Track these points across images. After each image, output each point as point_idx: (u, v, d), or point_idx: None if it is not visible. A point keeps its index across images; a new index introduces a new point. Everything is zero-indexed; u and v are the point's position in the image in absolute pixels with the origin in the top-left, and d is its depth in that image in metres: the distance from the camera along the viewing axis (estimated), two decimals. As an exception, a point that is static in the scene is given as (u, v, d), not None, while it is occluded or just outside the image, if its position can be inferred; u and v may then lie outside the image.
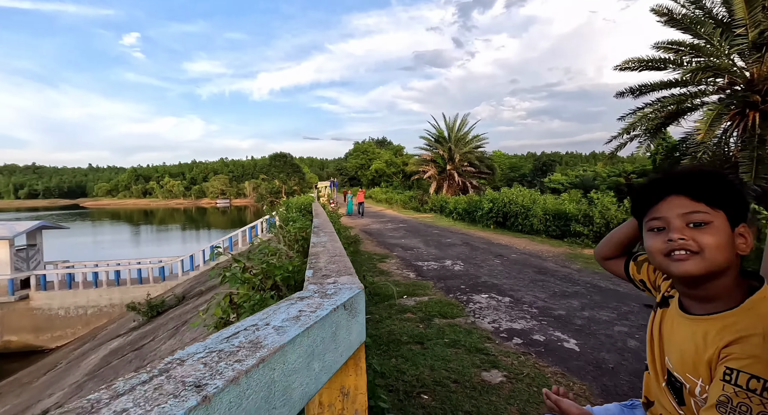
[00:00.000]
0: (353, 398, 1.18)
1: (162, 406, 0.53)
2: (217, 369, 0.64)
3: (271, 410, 0.71)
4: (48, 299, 12.54)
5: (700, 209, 0.72)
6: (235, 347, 0.74)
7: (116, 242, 34.68)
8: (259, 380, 0.68)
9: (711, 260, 0.71)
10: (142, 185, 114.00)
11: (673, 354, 0.80)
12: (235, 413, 0.62)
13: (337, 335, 0.99)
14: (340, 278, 1.34)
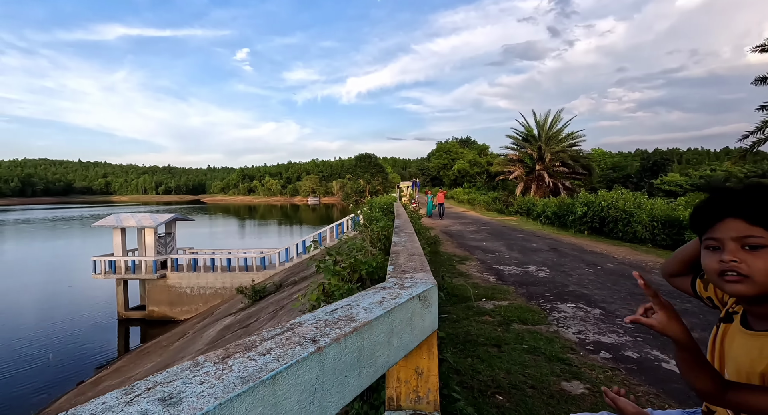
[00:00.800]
0: (426, 378, 1.37)
1: (293, 348, 0.78)
2: (324, 331, 0.89)
3: (360, 368, 0.93)
4: (179, 278, 15.17)
5: (756, 233, 0.74)
6: (336, 319, 0.98)
7: (227, 233, 40.09)
8: (353, 344, 0.91)
9: (761, 284, 0.74)
10: (248, 184, 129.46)
11: (730, 367, 0.82)
12: (338, 363, 0.85)
13: (412, 320, 1.18)
14: (417, 274, 1.53)
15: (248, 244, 30.13)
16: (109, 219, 15.27)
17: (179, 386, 0.62)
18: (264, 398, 0.66)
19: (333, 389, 0.83)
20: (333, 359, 0.83)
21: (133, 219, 15.04)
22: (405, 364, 1.38)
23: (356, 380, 0.92)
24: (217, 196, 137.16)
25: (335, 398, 0.84)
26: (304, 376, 0.75)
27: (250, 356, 0.75)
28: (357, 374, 0.92)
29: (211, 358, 0.74)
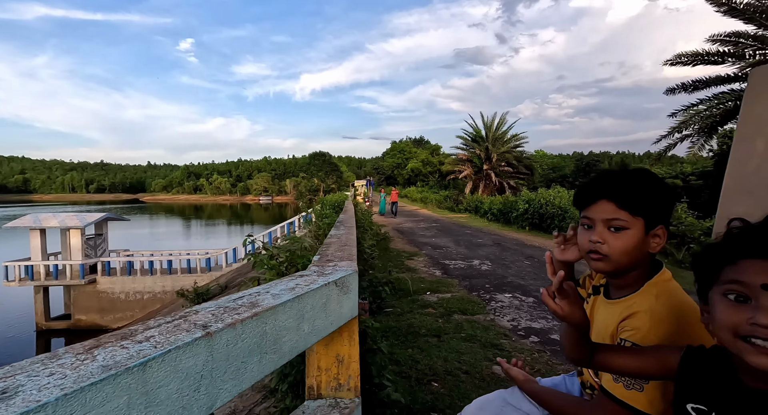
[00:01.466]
0: (347, 365, 1.36)
1: (177, 335, 0.74)
2: (221, 318, 0.85)
3: (262, 354, 0.90)
4: (111, 283, 13.92)
5: (621, 216, 0.82)
6: (238, 305, 0.94)
7: (170, 234, 37.46)
8: (252, 329, 0.88)
9: (616, 263, 0.83)
10: (193, 182, 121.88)
11: (593, 332, 0.91)
12: (232, 349, 0.82)
13: (327, 305, 1.17)
14: (341, 262, 1.52)
15: (193, 245, 28.38)
16: (25, 219, 13.61)
17: (21, 380, 0.55)
18: (130, 387, 0.61)
19: (226, 375, 0.80)
20: (226, 345, 0.80)
21: (55, 219, 13.53)
22: (326, 352, 1.37)
23: (257, 366, 0.89)
24: (159, 194, 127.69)
25: (228, 385, 0.81)
26: (187, 362, 0.71)
27: (124, 345, 0.69)
28: (257, 361, 0.89)
29: (74, 349, 0.67)
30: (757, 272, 0.57)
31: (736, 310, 0.57)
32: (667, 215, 0.85)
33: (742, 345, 0.57)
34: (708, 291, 0.64)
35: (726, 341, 0.59)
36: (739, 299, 0.58)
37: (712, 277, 0.63)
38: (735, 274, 0.59)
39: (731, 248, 0.61)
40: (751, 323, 0.55)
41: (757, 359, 0.56)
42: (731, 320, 0.57)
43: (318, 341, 1.37)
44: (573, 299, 0.75)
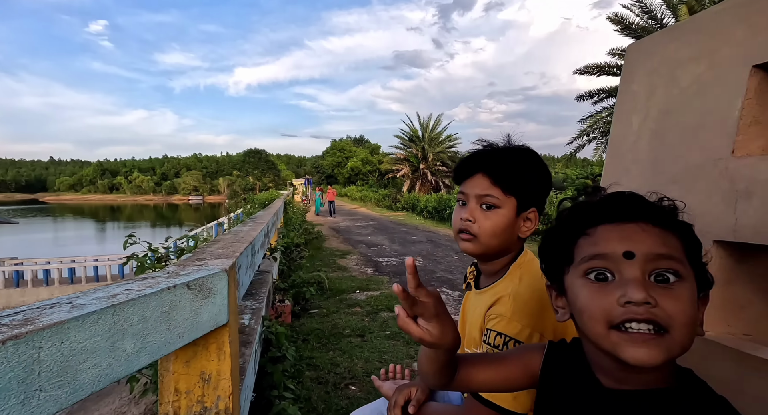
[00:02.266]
0: (215, 384, 1.13)
1: None
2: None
3: (30, 392, 0.64)
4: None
5: (494, 193, 0.75)
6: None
7: (78, 238, 32.98)
8: (5, 360, 0.61)
9: (485, 244, 0.76)
10: (109, 180, 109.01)
11: (468, 327, 0.82)
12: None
13: (171, 314, 0.92)
14: (214, 260, 1.27)
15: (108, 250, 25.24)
16: None
17: None
18: None
19: (-64, 434, 0.53)
20: (-63, 388, 0.53)
21: None
22: (186, 371, 1.12)
23: (17, 411, 0.62)
24: (66, 194, 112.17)
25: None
26: None
27: None
28: (19, 403, 0.62)
29: None
30: (618, 238, 0.47)
31: (603, 291, 0.46)
32: (540, 199, 0.79)
33: (616, 337, 0.45)
34: (563, 280, 0.53)
35: (599, 335, 0.47)
36: (600, 276, 0.47)
37: (566, 259, 0.51)
38: (592, 247, 0.48)
39: (584, 214, 0.50)
40: (623, 303, 0.44)
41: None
42: (600, 305, 0.46)
43: (174, 357, 1.11)
44: (441, 316, 0.53)
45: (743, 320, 0.74)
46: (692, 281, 0.46)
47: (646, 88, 0.92)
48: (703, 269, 0.49)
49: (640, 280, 0.44)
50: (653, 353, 0.43)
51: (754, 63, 0.70)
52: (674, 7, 9.53)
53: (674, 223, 0.48)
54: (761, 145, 0.72)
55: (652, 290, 0.44)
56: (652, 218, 0.47)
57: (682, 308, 0.43)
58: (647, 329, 0.43)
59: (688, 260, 0.47)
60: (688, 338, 0.44)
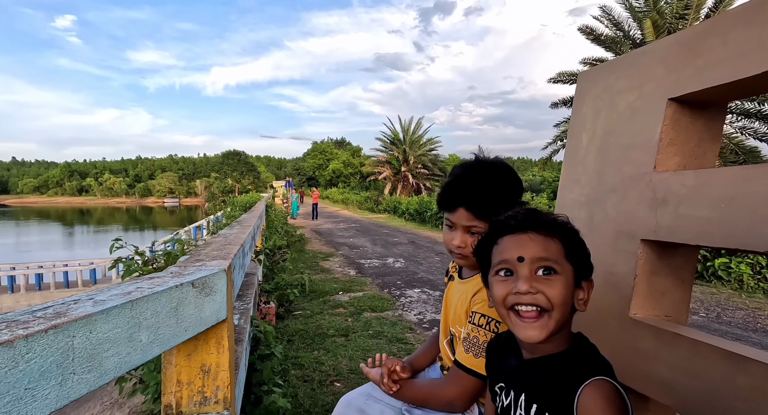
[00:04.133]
0: (215, 375, 1.22)
1: None
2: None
3: (66, 374, 0.73)
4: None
5: (477, 224, 0.91)
6: (34, 318, 0.75)
7: (45, 243, 31.44)
8: (48, 345, 0.70)
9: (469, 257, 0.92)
10: (77, 182, 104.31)
11: (450, 312, 0.95)
12: (7, 374, 0.64)
13: (179, 310, 1.02)
14: (212, 261, 1.36)
15: (77, 255, 24.23)
16: None
17: None
18: None
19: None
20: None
21: None
22: (188, 363, 1.21)
23: (56, 391, 0.71)
24: (30, 197, 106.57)
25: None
26: None
27: None
28: (57, 384, 0.72)
29: None
30: (514, 246, 0.66)
31: (505, 284, 0.66)
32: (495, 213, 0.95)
33: (514, 318, 0.65)
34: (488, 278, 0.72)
35: (502, 315, 0.67)
36: (507, 274, 0.67)
37: (488, 262, 0.71)
38: (500, 253, 0.68)
39: (493, 231, 0.71)
40: (514, 292, 0.64)
41: (524, 334, 0.64)
42: (501, 293, 0.66)
43: (176, 350, 1.20)
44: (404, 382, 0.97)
45: (664, 305, 0.91)
46: (568, 273, 0.65)
47: (593, 111, 1.08)
48: (582, 263, 0.67)
49: (527, 276, 0.64)
50: (536, 333, 0.62)
51: (670, 96, 0.87)
52: (640, 20, 10.11)
53: (555, 231, 0.66)
54: (676, 162, 0.89)
55: (537, 282, 0.63)
56: (538, 229, 0.66)
57: (557, 293, 0.63)
58: (532, 309, 0.63)
59: (567, 257, 0.65)
60: (563, 314, 0.64)
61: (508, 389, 0.70)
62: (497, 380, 0.74)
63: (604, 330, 0.94)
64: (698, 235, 0.77)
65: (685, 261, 0.91)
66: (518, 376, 0.69)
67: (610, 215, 0.98)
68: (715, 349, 0.71)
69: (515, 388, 0.69)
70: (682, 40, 0.86)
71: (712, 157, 0.91)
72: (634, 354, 0.87)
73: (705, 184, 0.77)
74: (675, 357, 0.78)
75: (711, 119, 0.91)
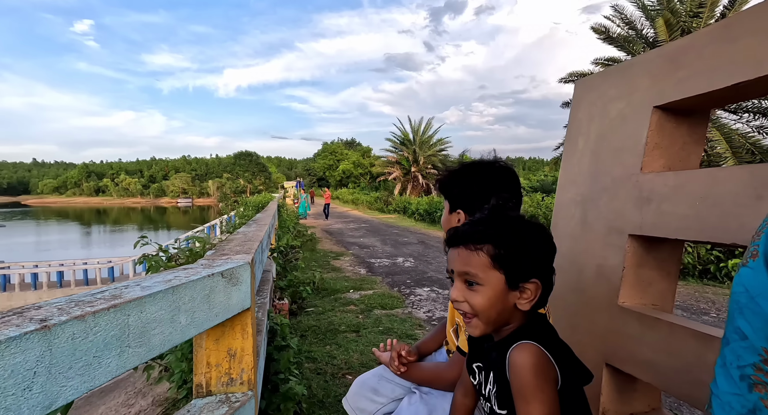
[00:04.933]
0: (240, 359, 1.34)
1: (1, 331, 0.67)
2: (67, 311, 0.79)
3: (123, 347, 0.86)
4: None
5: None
6: (95, 299, 0.88)
7: (64, 242, 32.38)
8: (110, 321, 0.83)
9: None
10: (95, 183, 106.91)
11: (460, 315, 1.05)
12: (80, 342, 0.76)
13: (211, 297, 1.14)
14: (236, 256, 1.49)
15: (95, 254, 24.92)
16: None
17: None
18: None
19: (71, 372, 0.74)
20: (71, 339, 0.74)
21: None
22: (216, 347, 1.33)
23: (116, 360, 0.84)
24: (49, 197, 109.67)
25: (76, 381, 0.75)
26: (12, 359, 0.65)
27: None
28: (117, 354, 0.84)
29: None
30: (450, 259, 0.78)
31: (451, 290, 0.77)
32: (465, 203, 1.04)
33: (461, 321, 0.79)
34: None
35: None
36: (452, 281, 0.78)
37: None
38: (448, 263, 0.79)
39: (446, 242, 0.82)
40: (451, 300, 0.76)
41: (468, 331, 0.74)
42: (451, 297, 0.77)
43: (206, 335, 1.33)
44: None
45: (651, 294, 1.00)
46: (494, 282, 0.72)
47: (588, 116, 1.17)
48: (514, 268, 0.72)
49: (456, 287, 0.75)
50: (472, 330, 0.75)
51: (655, 104, 0.96)
52: (653, 19, 10.00)
53: (484, 242, 0.73)
54: (662, 164, 0.98)
55: (465, 292, 0.73)
56: (466, 243, 0.74)
57: (478, 302, 0.72)
58: (464, 314, 0.75)
59: (494, 267, 0.72)
60: (491, 316, 0.73)
61: (483, 368, 0.81)
62: (475, 359, 0.85)
63: (596, 317, 1.03)
64: (677, 230, 0.86)
65: (670, 254, 1.00)
66: (488, 356, 0.80)
67: (602, 212, 1.07)
68: (689, 331, 0.79)
69: (485, 366, 0.80)
70: (665, 53, 0.94)
71: (695, 159, 0.99)
72: (622, 339, 0.96)
73: (683, 184, 0.85)
74: (656, 339, 0.87)
75: (694, 124, 0.99)
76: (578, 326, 1.06)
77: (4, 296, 11.90)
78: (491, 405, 0.75)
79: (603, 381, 0.97)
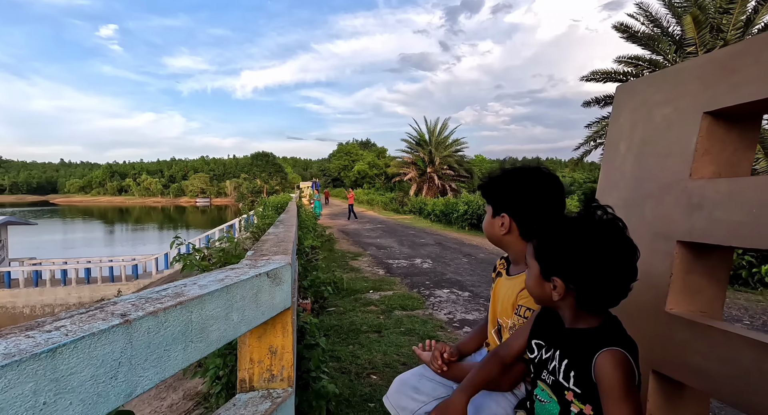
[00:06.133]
0: (280, 356, 1.39)
1: (92, 324, 0.73)
2: (141, 307, 0.84)
3: (187, 342, 0.91)
4: (12, 296, 12.17)
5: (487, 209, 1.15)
6: (161, 296, 0.93)
7: (89, 240, 33.56)
8: (176, 317, 0.88)
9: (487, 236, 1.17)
10: (118, 182, 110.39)
11: (498, 305, 1.07)
12: (154, 337, 0.82)
13: (258, 296, 1.19)
14: (275, 256, 1.54)
15: (118, 251, 25.76)
16: None
17: None
18: (37, 373, 0.60)
19: (147, 363, 0.80)
20: (147, 333, 0.80)
21: (-63, 224, 11.55)
22: (258, 344, 1.38)
23: (181, 354, 0.89)
24: (75, 196, 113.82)
25: (150, 372, 0.80)
26: (102, 350, 0.70)
27: (29, 334, 0.67)
28: (182, 348, 0.89)
29: (-30, 340, 0.64)
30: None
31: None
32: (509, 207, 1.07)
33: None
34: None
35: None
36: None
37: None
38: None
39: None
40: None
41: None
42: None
43: (249, 332, 1.38)
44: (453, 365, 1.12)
45: (699, 301, 0.99)
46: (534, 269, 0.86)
47: (630, 122, 1.17)
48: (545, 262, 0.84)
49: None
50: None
51: (705, 110, 0.95)
52: (679, 16, 9.73)
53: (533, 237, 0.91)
54: (711, 170, 0.97)
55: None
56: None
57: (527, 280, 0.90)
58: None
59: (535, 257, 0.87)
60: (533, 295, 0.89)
61: (548, 346, 0.88)
62: (537, 337, 0.91)
63: (642, 324, 1.03)
64: (731, 237, 0.85)
65: (720, 261, 0.99)
66: (558, 338, 0.87)
67: (647, 217, 1.07)
68: (745, 339, 0.79)
69: (554, 345, 0.87)
70: (716, 59, 0.94)
71: (746, 166, 0.98)
72: (669, 345, 0.96)
73: (738, 191, 0.85)
74: (708, 347, 0.86)
75: (745, 130, 0.98)
76: (623, 331, 1.06)
77: (36, 291, 12.42)
78: (556, 379, 0.83)
79: (650, 388, 0.97)
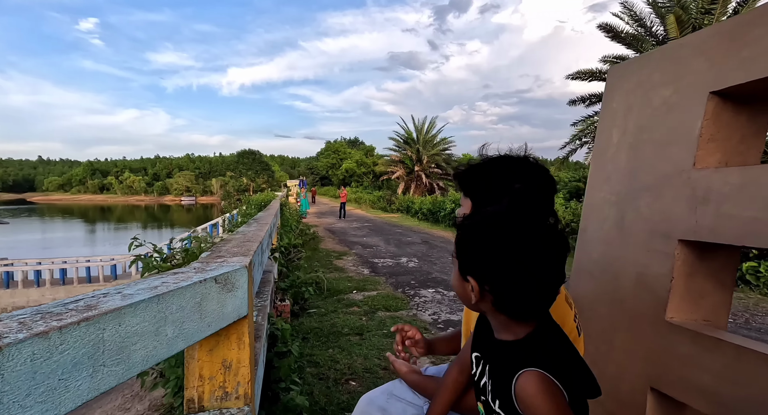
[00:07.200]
0: (235, 371, 1.23)
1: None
2: (29, 326, 0.67)
3: (97, 367, 0.74)
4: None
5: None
6: (67, 310, 0.76)
7: (68, 239, 32.47)
8: (80, 337, 0.71)
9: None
10: (99, 180, 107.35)
11: (472, 316, 0.94)
12: (41, 364, 0.65)
13: (202, 305, 1.03)
14: (233, 258, 1.37)
15: (99, 251, 24.94)
16: None
17: None
18: None
19: (29, 399, 0.63)
20: (30, 360, 0.63)
21: None
22: (209, 358, 1.22)
23: (87, 382, 0.72)
24: (54, 194, 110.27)
25: (35, 410, 0.64)
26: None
27: None
28: (88, 376, 0.73)
29: None
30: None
31: None
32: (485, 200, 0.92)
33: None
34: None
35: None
36: None
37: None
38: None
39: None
40: None
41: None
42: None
43: (198, 345, 1.21)
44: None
45: (703, 308, 0.87)
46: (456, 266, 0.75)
47: (624, 106, 1.05)
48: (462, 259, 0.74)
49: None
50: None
51: (711, 89, 0.83)
52: (663, 16, 9.81)
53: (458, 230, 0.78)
54: (717, 158, 0.85)
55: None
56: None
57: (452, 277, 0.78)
58: None
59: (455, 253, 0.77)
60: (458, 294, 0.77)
61: (484, 360, 0.79)
62: (476, 348, 0.82)
63: (639, 334, 0.90)
64: (743, 235, 0.73)
65: (726, 262, 0.87)
66: (488, 351, 0.78)
67: (644, 214, 0.95)
68: (761, 355, 0.67)
69: (486, 359, 0.78)
70: (724, 30, 0.81)
71: (756, 154, 0.87)
72: (670, 359, 0.83)
73: (751, 182, 0.73)
74: (717, 364, 0.74)
75: (755, 113, 0.86)
76: (616, 343, 0.93)
77: (7, 293, 11.88)
78: (486, 399, 0.74)
79: (648, 408, 0.85)
